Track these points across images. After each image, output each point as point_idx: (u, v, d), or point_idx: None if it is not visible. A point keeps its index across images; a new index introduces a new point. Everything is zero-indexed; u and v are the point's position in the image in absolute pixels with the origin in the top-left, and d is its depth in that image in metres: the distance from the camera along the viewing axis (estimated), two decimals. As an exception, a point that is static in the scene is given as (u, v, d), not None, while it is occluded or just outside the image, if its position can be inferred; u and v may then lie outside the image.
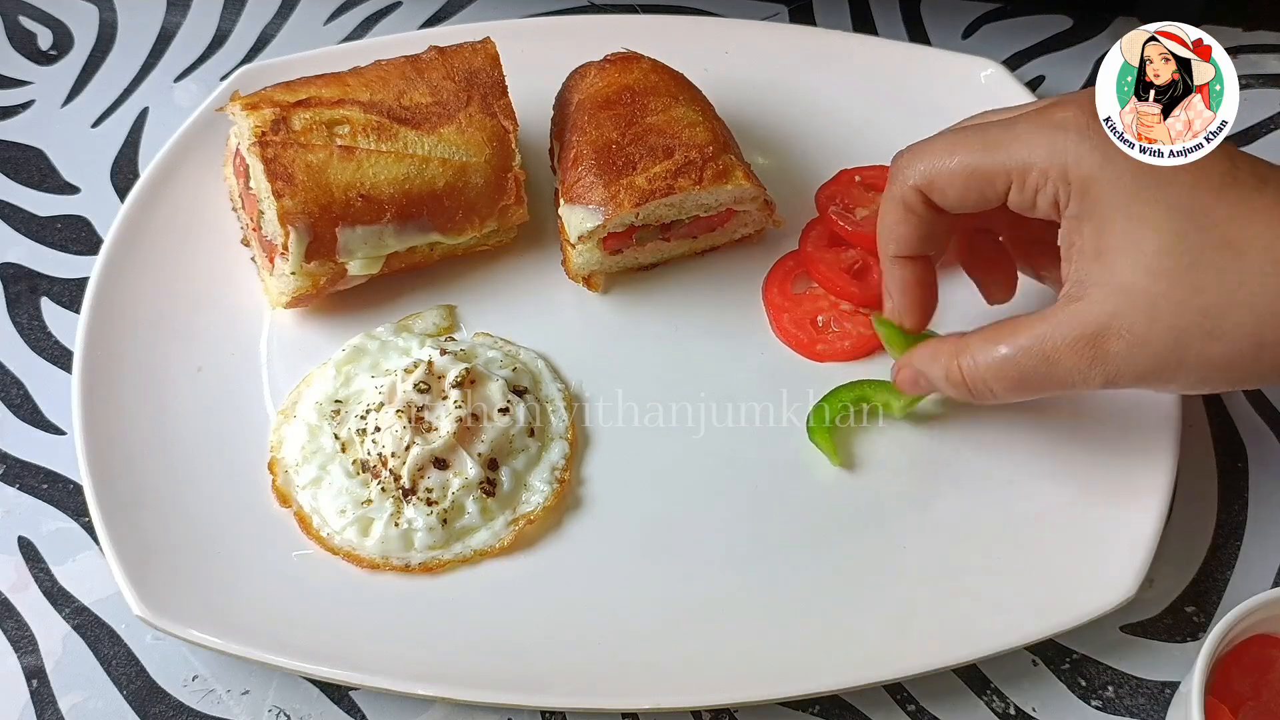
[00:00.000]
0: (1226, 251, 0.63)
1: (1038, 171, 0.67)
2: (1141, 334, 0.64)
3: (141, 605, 0.76)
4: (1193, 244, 0.63)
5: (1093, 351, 0.66)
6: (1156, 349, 0.64)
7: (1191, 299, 0.63)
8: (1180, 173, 0.65)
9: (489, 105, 0.90)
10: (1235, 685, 0.72)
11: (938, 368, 0.74)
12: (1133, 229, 0.64)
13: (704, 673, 0.76)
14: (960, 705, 0.78)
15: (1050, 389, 0.69)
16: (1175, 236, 0.63)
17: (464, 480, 0.81)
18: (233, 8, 1.16)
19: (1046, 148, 0.67)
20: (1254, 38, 1.13)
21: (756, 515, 0.83)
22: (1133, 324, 0.64)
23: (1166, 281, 0.63)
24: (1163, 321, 0.64)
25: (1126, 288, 0.64)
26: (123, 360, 0.87)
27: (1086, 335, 0.66)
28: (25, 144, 1.06)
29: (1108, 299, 0.65)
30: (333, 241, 0.85)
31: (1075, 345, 0.66)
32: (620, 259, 0.93)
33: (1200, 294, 0.63)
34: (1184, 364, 0.65)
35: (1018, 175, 0.68)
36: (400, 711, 0.78)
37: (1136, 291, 0.64)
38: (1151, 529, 0.79)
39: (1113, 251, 0.65)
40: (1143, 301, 0.64)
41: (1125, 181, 0.65)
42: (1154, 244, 0.64)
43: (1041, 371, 0.68)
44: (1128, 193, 0.65)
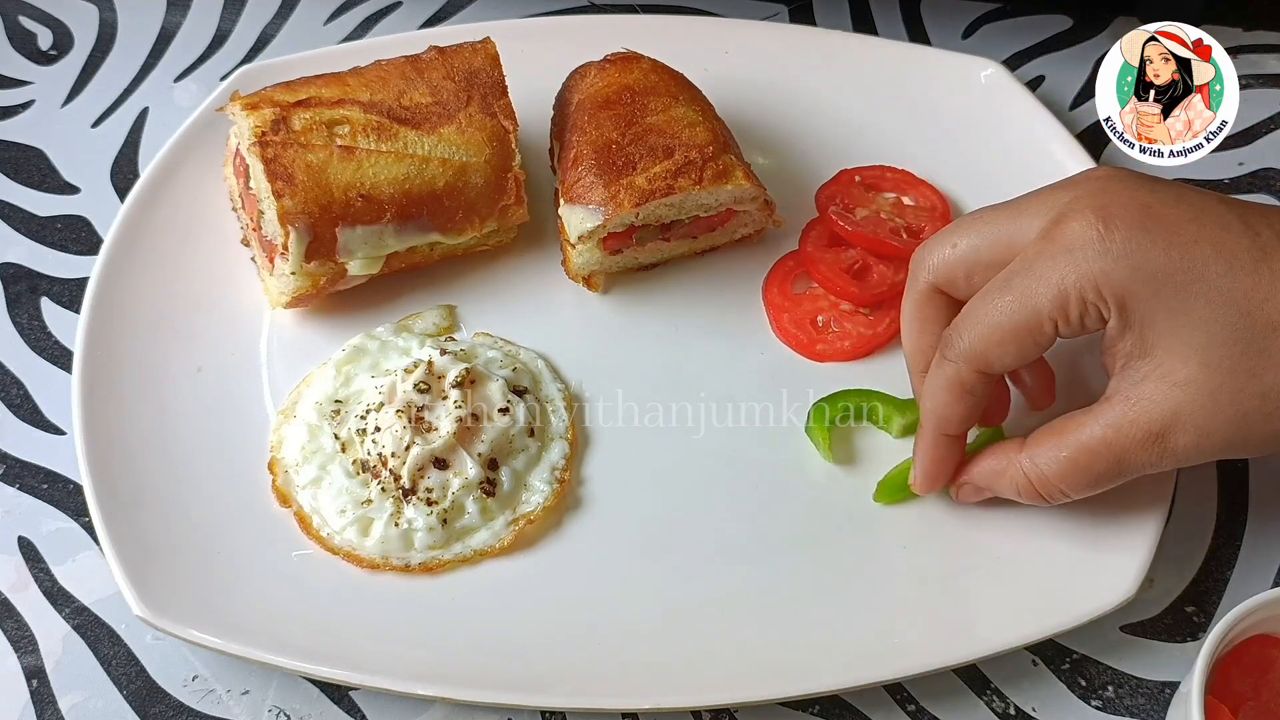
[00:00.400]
0: (1276, 334, 0.64)
1: (1074, 299, 0.67)
2: (1205, 425, 0.66)
3: (141, 605, 0.76)
4: (1241, 333, 0.64)
5: (1160, 447, 0.67)
6: (1221, 437, 0.66)
7: (1248, 385, 0.65)
8: (1211, 260, 0.65)
9: (489, 105, 0.90)
10: (1235, 685, 0.72)
11: (1005, 481, 0.75)
12: (1177, 328, 0.65)
13: (704, 673, 0.76)
14: (960, 705, 0.78)
15: (1120, 480, 0.71)
16: (1221, 326, 0.64)
17: (464, 480, 0.81)
18: (233, 8, 1.16)
19: (1074, 272, 0.66)
20: (1254, 38, 1.13)
21: (756, 515, 0.83)
22: (1195, 417, 0.66)
23: (1222, 373, 0.65)
24: (1224, 411, 0.65)
25: (1184, 383, 0.65)
26: (123, 360, 0.87)
27: (1153, 433, 0.67)
28: (25, 144, 1.06)
29: (1168, 396, 0.66)
30: (333, 241, 0.85)
31: (1143, 443, 0.67)
32: (620, 259, 0.93)
33: (1256, 379, 0.64)
34: (1248, 443, 0.67)
35: (1059, 312, 0.68)
36: (400, 711, 0.78)
37: (1195, 385, 0.65)
38: (1151, 529, 0.79)
39: (1162, 351, 0.66)
40: (1203, 395, 0.65)
41: (1159, 283, 0.65)
42: (1203, 338, 0.65)
43: (1113, 470, 0.70)
44: (1164, 293, 0.65)
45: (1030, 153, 0.99)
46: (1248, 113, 1.07)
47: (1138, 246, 0.65)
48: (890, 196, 0.97)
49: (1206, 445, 0.66)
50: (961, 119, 1.02)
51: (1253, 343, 0.64)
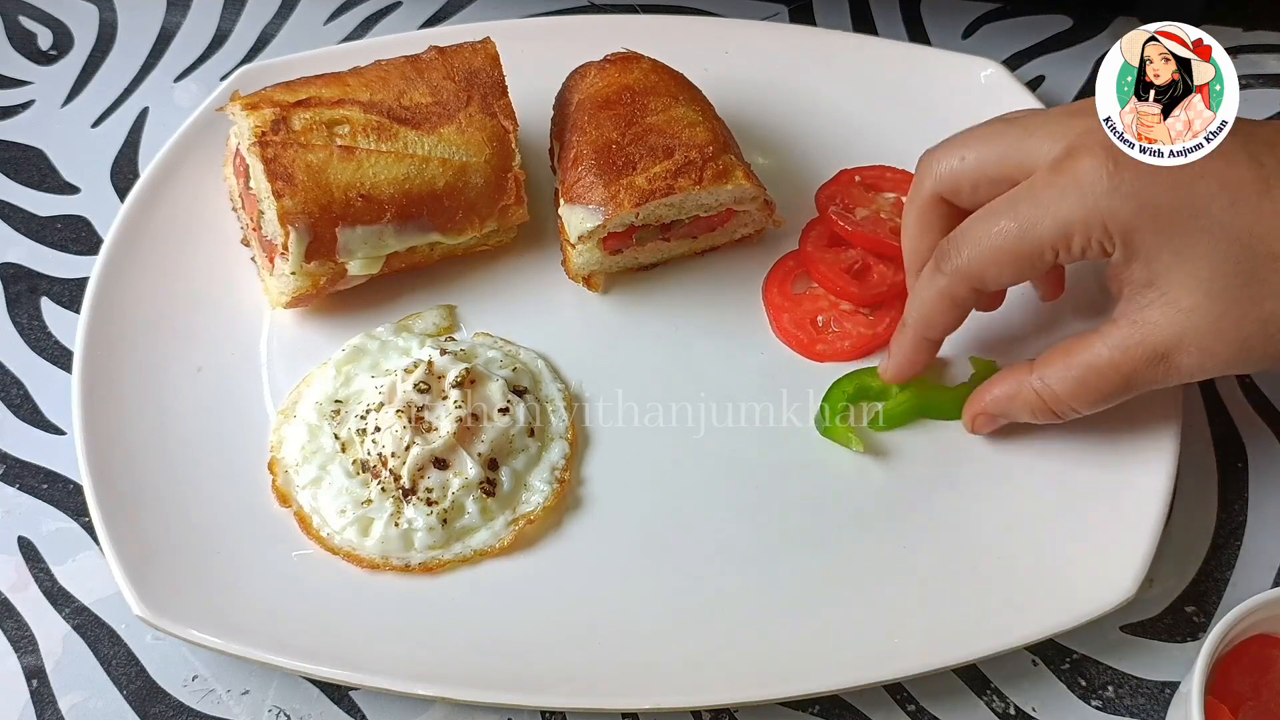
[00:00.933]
0: (1276, 264, 0.67)
1: (1079, 234, 0.69)
2: (1208, 347, 0.69)
3: (141, 605, 0.76)
4: (1244, 264, 0.67)
5: (1165, 365, 0.71)
6: (1224, 357, 0.70)
7: (1250, 311, 0.68)
8: (1215, 195, 0.67)
9: (489, 105, 0.90)
10: (1235, 685, 0.72)
11: (1018, 404, 0.78)
12: (1182, 261, 0.68)
13: (704, 673, 0.76)
14: (960, 705, 0.78)
15: (1129, 396, 0.74)
16: (1224, 259, 0.67)
17: (464, 480, 0.81)
18: (233, 8, 1.16)
19: (1081, 209, 0.69)
20: (1254, 38, 1.13)
21: (756, 515, 0.83)
22: (1199, 340, 0.69)
23: (1225, 301, 0.68)
24: (1227, 335, 0.68)
25: (1188, 309, 0.69)
26: (123, 360, 0.87)
27: (1159, 353, 0.70)
28: (25, 144, 1.06)
29: (1173, 321, 0.69)
30: (333, 241, 0.85)
31: (1149, 363, 0.71)
32: (620, 259, 0.93)
33: (1258, 305, 0.67)
34: (1249, 361, 0.70)
35: (1062, 244, 0.70)
36: (400, 711, 0.78)
37: (1199, 312, 0.68)
38: (1151, 529, 0.79)
39: (1166, 281, 0.69)
40: (1207, 321, 0.68)
41: (1164, 220, 0.67)
42: (1206, 270, 0.67)
43: (1119, 387, 0.73)
44: (1169, 230, 0.67)
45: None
46: (1248, 113, 1.06)
47: (1145, 185, 0.67)
48: (890, 196, 0.97)
49: (1209, 364, 0.70)
50: (961, 119, 1.01)
51: (1255, 273, 0.67)
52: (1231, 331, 0.68)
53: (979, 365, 0.87)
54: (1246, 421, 0.90)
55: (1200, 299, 0.68)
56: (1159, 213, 0.67)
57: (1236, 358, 0.70)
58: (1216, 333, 0.69)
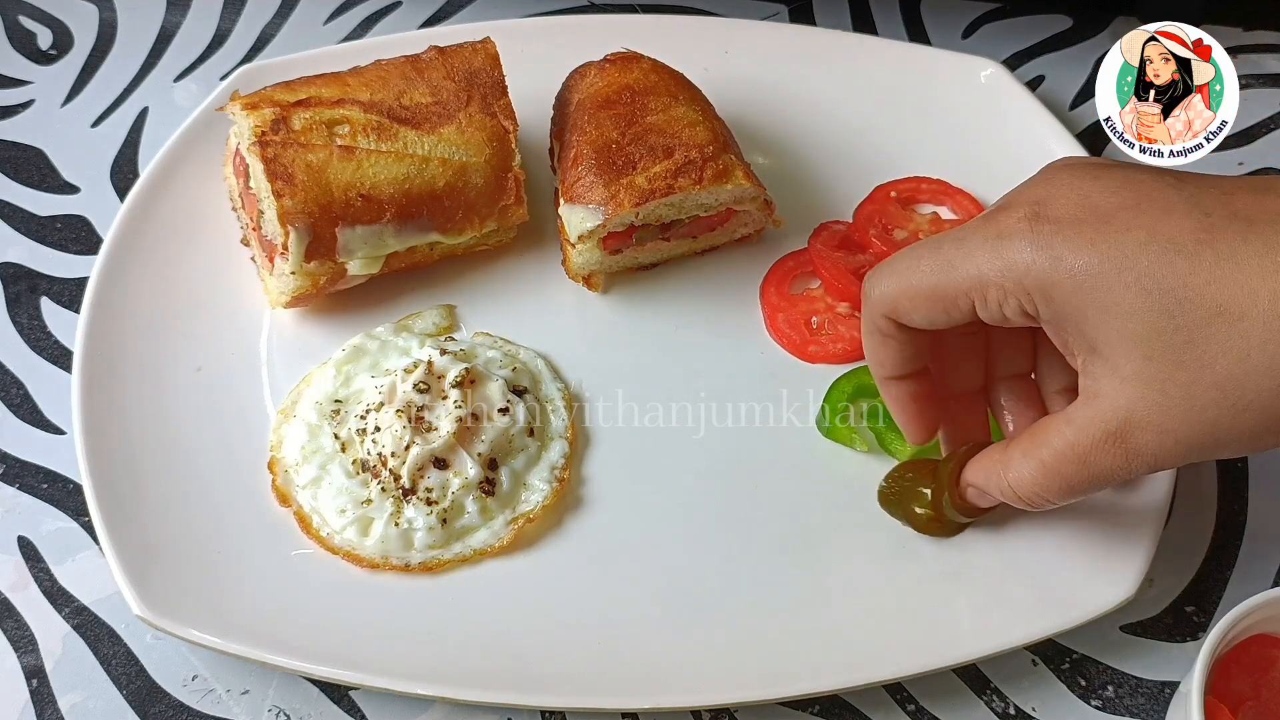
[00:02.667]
0: (1221, 320, 0.59)
1: (995, 287, 0.64)
2: (1161, 422, 0.61)
3: (141, 605, 0.76)
4: (1181, 321, 0.59)
5: (1123, 448, 0.63)
6: (1184, 434, 0.61)
7: (1200, 377, 0.59)
8: (1145, 245, 0.60)
9: (489, 105, 0.90)
10: (1235, 685, 0.72)
11: (993, 486, 0.72)
12: (1111, 320, 0.61)
13: (704, 673, 0.76)
14: (960, 705, 0.78)
15: (1099, 486, 0.66)
16: (1159, 316, 0.60)
17: (464, 480, 0.81)
18: (233, 8, 1.16)
19: (997, 261, 0.64)
20: (1254, 38, 1.13)
21: (756, 515, 0.83)
22: (1149, 414, 0.61)
23: (1166, 363, 0.60)
24: (1178, 406, 0.60)
25: (1131, 378, 0.61)
26: (123, 360, 0.87)
27: (1110, 433, 0.63)
28: (25, 144, 1.06)
29: (1119, 393, 0.62)
30: (333, 241, 0.85)
31: (1103, 445, 0.64)
32: (620, 259, 0.93)
33: (1208, 368, 0.59)
34: (1223, 442, 0.61)
35: (977, 294, 0.65)
36: (400, 711, 0.78)
37: (1143, 379, 0.61)
38: (1151, 529, 0.79)
39: (1102, 343, 0.62)
40: (1152, 390, 0.61)
41: (1083, 276, 0.61)
42: (1140, 329, 0.60)
43: (1082, 475, 0.65)
44: (1090, 285, 0.61)
45: (1030, 153, 0.98)
46: (1248, 113, 1.07)
47: (1064, 240, 0.62)
48: (928, 211, 0.97)
49: (1169, 444, 0.62)
50: (961, 119, 1.02)
51: (1196, 329, 0.59)
52: (1183, 401, 0.60)
53: None
54: (1246, 421, 0.90)
55: (1140, 364, 0.60)
56: (1075, 269, 0.61)
57: (1201, 436, 0.61)
58: (1165, 403, 0.60)
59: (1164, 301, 0.59)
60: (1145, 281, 0.60)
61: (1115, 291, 0.60)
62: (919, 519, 0.80)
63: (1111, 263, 0.60)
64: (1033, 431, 0.68)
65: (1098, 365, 0.63)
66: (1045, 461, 0.66)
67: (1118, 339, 0.61)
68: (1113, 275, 0.60)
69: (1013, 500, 0.70)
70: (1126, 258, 0.60)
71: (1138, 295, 0.60)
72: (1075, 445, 0.64)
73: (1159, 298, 0.59)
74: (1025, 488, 0.68)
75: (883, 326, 0.71)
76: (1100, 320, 0.61)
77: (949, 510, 0.78)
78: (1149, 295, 0.60)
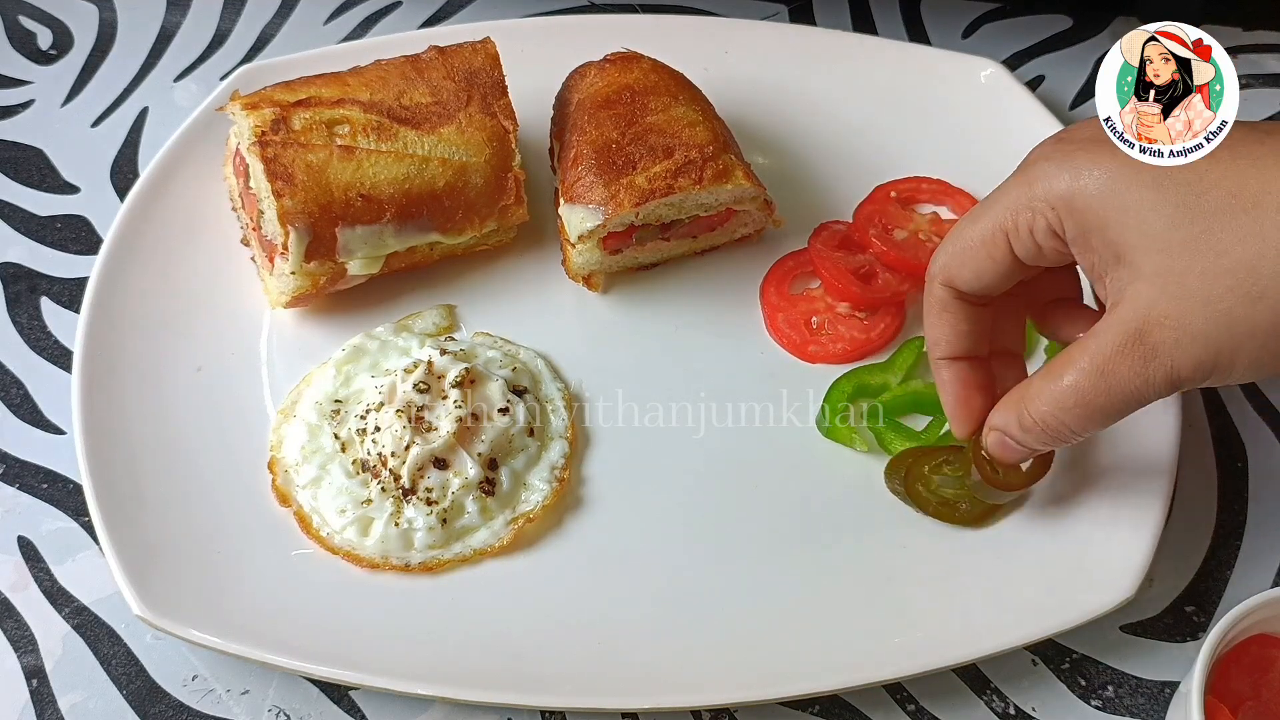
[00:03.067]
0: (1236, 205, 0.59)
1: (1024, 212, 0.66)
2: (1179, 316, 0.61)
3: (141, 605, 0.76)
4: (1196, 210, 0.60)
5: (1141, 349, 0.62)
6: (1200, 328, 0.60)
7: (1216, 262, 0.59)
8: None
9: (489, 105, 0.90)
10: (1235, 685, 0.72)
11: (1012, 419, 0.70)
12: (1129, 219, 0.62)
13: (704, 673, 0.76)
14: (960, 705, 0.78)
15: (1118, 405, 0.65)
16: (1174, 208, 0.60)
17: (464, 480, 0.81)
18: (233, 8, 1.16)
19: (1024, 189, 0.66)
20: (1254, 38, 1.13)
21: (756, 515, 0.83)
22: (1168, 309, 0.61)
23: (1184, 254, 0.60)
24: (1196, 295, 0.60)
25: (1150, 275, 0.61)
26: (123, 360, 0.87)
27: (1130, 334, 0.62)
28: (25, 144, 1.06)
29: (1138, 294, 0.62)
30: (333, 241, 0.85)
31: (1124, 349, 0.63)
32: (620, 259, 0.93)
33: (1224, 255, 0.59)
34: (1239, 340, 0.60)
35: (1011, 227, 0.67)
36: (400, 711, 0.78)
37: (1161, 274, 0.61)
38: (1151, 529, 0.79)
39: (1124, 247, 0.62)
40: (1170, 283, 0.61)
41: (1103, 182, 0.63)
42: (1156, 224, 0.61)
43: (1102, 389, 0.64)
44: (1110, 191, 0.63)
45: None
46: (1248, 113, 1.06)
47: (1083, 154, 0.64)
48: (928, 211, 0.97)
49: (1188, 342, 0.61)
50: (961, 119, 1.02)
51: (1215, 219, 0.60)
52: (1199, 290, 0.60)
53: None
54: (1246, 421, 0.90)
55: (1158, 258, 0.61)
56: (1098, 175, 0.63)
57: (1223, 336, 0.60)
58: (1183, 294, 0.60)
59: (1180, 194, 0.61)
60: (1161, 177, 0.62)
61: (1133, 191, 0.62)
62: (929, 500, 0.80)
63: (1129, 166, 0.63)
64: (1054, 359, 0.68)
65: (1121, 272, 0.63)
66: (1065, 382, 0.66)
67: (1137, 238, 0.62)
68: (1130, 175, 0.62)
69: (1030, 431, 0.70)
70: (1143, 162, 0.63)
71: (1154, 191, 0.62)
72: (1095, 357, 0.64)
73: (1174, 190, 0.61)
74: (1043, 413, 0.68)
75: (940, 295, 0.73)
76: (1120, 222, 0.62)
77: (974, 487, 0.78)
78: (1164, 189, 0.61)
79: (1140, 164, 0.63)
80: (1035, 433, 0.69)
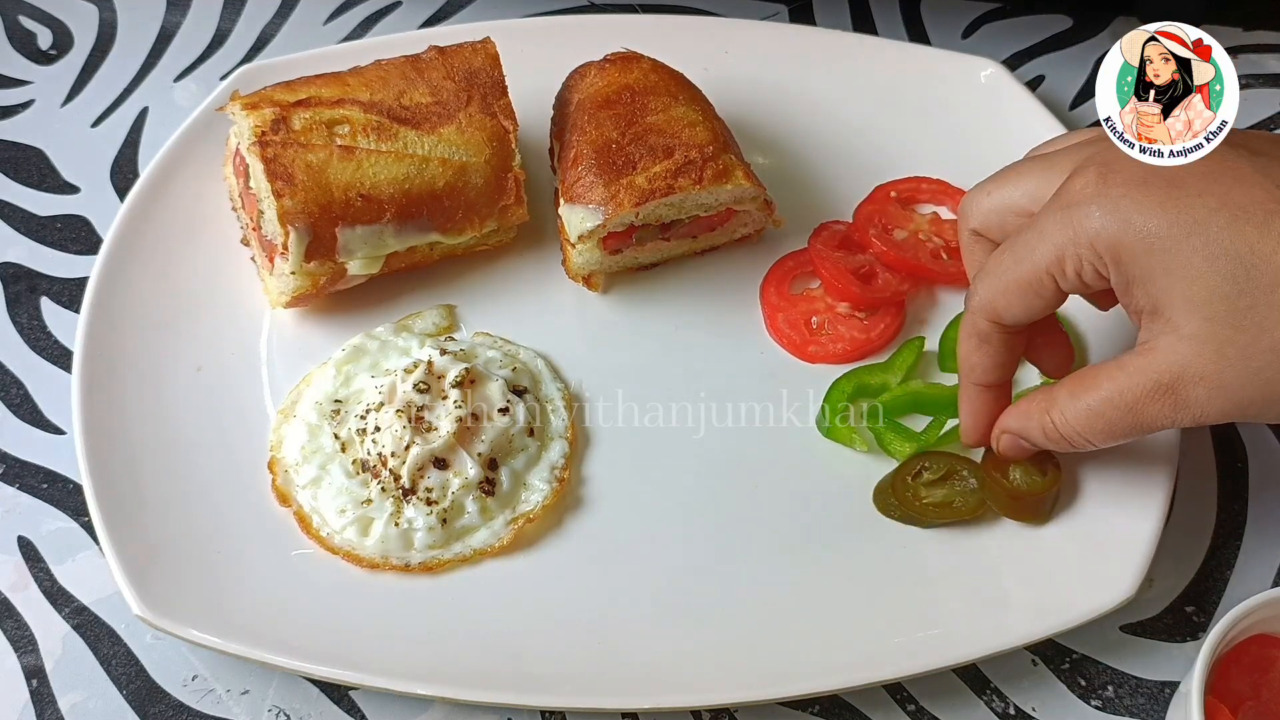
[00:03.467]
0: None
1: (1070, 257, 0.66)
2: (1216, 379, 0.63)
3: (141, 605, 0.76)
4: (1245, 286, 0.61)
5: (1173, 399, 0.65)
6: (1236, 392, 0.63)
7: (1258, 340, 0.62)
8: (1215, 212, 0.62)
9: (489, 105, 0.90)
10: (1235, 685, 0.72)
11: (1033, 426, 0.73)
12: (1175, 283, 0.63)
13: (704, 673, 0.76)
14: (960, 705, 0.78)
15: (1140, 434, 0.69)
16: (1223, 280, 0.62)
17: (464, 480, 0.81)
18: (233, 8, 1.16)
19: (1069, 231, 0.66)
20: (1254, 38, 1.13)
21: (756, 515, 0.83)
22: (1204, 370, 0.63)
23: (1227, 326, 0.62)
24: (1234, 366, 0.63)
25: (1190, 337, 0.64)
26: (123, 360, 0.87)
27: (1163, 384, 0.65)
28: (25, 144, 1.06)
29: (1175, 348, 0.64)
30: (333, 241, 0.85)
31: (1154, 395, 0.66)
32: (620, 259, 0.93)
33: (1267, 333, 0.62)
34: (1270, 401, 0.64)
35: (1055, 268, 0.67)
36: (400, 711, 0.78)
37: (1200, 339, 0.63)
38: (1151, 529, 0.79)
39: (1166, 306, 0.64)
40: (1209, 349, 0.63)
41: (1151, 238, 0.63)
42: (1203, 293, 0.62)
43: (1127, 421, 0.68)
44: (1158, 248, 0.63)
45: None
46: (1248, 113, 1.07)
47: (1132, 203, 0.64)
48: (928, 211, 0.97)
49: (1223, 401, 0.64)
50: (961, 119, 1.02)
51: (1259, 295, 0.61)
52: (1238, 361, 0.62)
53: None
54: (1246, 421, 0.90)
55: (1200, 324, 0.63)
56: (1147, 231, 0.63)
57: (1256, 395, 0.63)
58: (1222, 362, 0.63)
59: (1230, 267, 0.61)
60: (1213, 247, 0.62)
61: (1182, 255, 0.62)
62: (926, 509, 0.81)
63: (1180, 227, 0.62)
64: (1080, 375, 0.70)
65: (1159, 324, 0.65)
66: (1092, 405, 0.69)
67: (1181, 301, 0.63)
68: (1181, 239, 0.62)
69: (1051, 440, 0.72)
70: (1196, 223, 0.62)
71: (1204, 260, 0.62)
72: (1125, 391, 0.67)
73: (1225, 263, 0.62)
74: (1068, 427, 0.71)
75: (983, 329, 0.74)
76: (1165, 282, 0.63)
77: (988, 492, 0.80)
78: (1215, 260, 0.62)
79: (1192, 224, 0.62)
80: (1054, 441, 0.73)
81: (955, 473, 0.82)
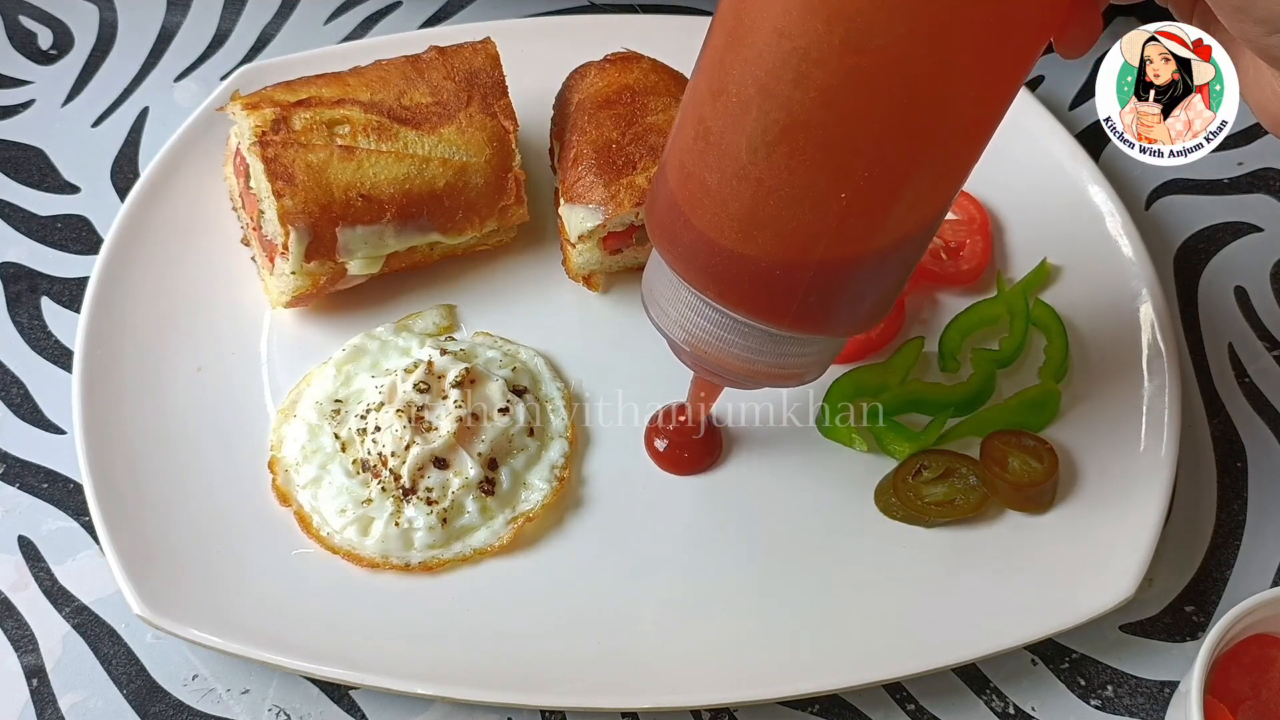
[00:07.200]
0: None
1: None
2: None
3: (141, 605, 0.76)
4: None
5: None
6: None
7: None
8: None
9: (489, 105, 0.90)
10: (1234, 685, 0.72)
11: None
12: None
13: (704, 673, 0.76)
14: (960, 705, 0.78)
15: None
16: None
17: (464, 480, 0.81)
18: (233, 8, 1.16)
19: None
20: (1254, 38, 1.13)
21: (756, 515, 0.83)
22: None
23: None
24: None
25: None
26: (123, 360, 0.87)
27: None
28: (25, 144, 1.06)
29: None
30: (333, 241, 0.86)
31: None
32: (620, 258, 0.93)
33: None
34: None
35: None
36: (400, 711, 0.78)
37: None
38: (1151, 529, 0.79)
39: None
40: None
41: None
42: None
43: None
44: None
45: (1030, 153, 0.99)
46: (1248, 113, 1.07)
47: None
48: (948, 216, 0.96)
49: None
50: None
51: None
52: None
53: (980, 360, 0.87)
54: (1246, 421, 0.90)
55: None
56: None
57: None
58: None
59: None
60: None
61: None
62: (929, 509, 0.81)
63: None
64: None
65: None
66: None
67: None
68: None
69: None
70: None
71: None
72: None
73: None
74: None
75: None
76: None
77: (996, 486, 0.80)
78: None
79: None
80: None
81: (955, 470, 0.82)
